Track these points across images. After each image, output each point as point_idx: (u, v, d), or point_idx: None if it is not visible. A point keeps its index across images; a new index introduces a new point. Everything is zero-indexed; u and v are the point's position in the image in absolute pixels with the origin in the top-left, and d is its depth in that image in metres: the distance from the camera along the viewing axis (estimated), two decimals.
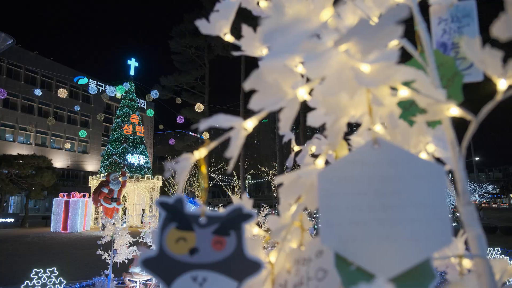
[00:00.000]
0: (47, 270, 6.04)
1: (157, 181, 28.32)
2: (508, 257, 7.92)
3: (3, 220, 26.63)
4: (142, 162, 28.27)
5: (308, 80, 0.58)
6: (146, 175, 27.51)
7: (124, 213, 27.91)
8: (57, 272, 6.13)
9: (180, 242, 0.49)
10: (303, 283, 0.48)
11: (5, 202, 29.77)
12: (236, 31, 0.72)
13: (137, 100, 30.20)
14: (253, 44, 0.69)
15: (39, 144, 39.85)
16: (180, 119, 28.04)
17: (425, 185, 0.47)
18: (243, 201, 0.65)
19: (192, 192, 41.68)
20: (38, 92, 22.12)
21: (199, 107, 26.47)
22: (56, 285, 5.99)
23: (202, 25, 0.71)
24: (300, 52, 0.37)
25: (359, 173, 0.48)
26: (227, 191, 43.92)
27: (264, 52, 0.69)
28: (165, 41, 34.03)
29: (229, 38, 0.74)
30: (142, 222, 26.48)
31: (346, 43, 0.38)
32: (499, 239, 16.89)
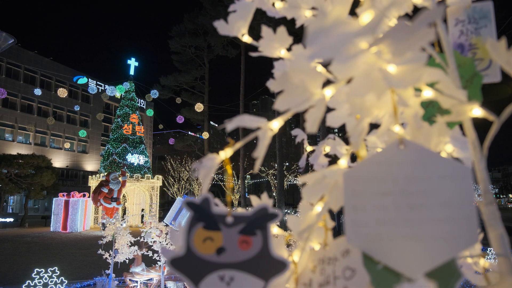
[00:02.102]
0: (48, 270, 6.03)
1: (157, 181, 28.31)
2: None
3: (3, 219, 26.60)
4: (142, 162, 28.26)
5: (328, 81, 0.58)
6: (146, 175, 27.51)
7: (124, 213, 27.90)
8: (58, 272, 6.13)
9: (207, 242, 0.50)
10: (329, 282, 0.49)
11: (5, 201, 29.72)
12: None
13: (136, 100, 30.20)
14: (271, 45, 0.69)
15: (38, 143, 39.81)
16: (180, 119, 28.03)
17: (451, 185, 0.47)
18: (263, 200, 0.65)
19: (192, 192, 41.66)
20: (38, 91, 22.09)
21: (199, 107, 26.45)
22: (58, 285, 5.99)
23: (220, 26, 0.72)
24: (343, 54, 0.37)
25: (385, 173, 0.48)
26: (226, 191, 43.88)
27: (283, 53, 0.70)
28: (165, 40, 34.01)
29: (246, 39, 0.74)
30: (142, 222, 26.48)
31: (380, 44, 0.38)
32: None
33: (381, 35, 0.41)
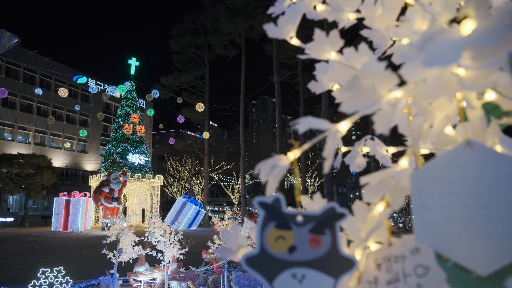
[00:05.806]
0: (54, 270, 6.04)
1: (158, 181, 28.31)
2: None
3: (3, 219, 26.56)
4: (142, 162, 28.25)
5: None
6: (146, 175, 27.50)
7: (125, 213, 27.87)
8: (63, 272, 6.14)
9: (279, 241, 0.51)
10: (399, 279, 0.50)
11: (4, 201, 29.68)
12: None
13: (137, 99, 30.19)
14: (322, 48, 0.70)
15: (38, 143, 39.76)
16: (181, 119, 28.03)
17: None
18: (314, 201, 0.67)
19: (191, 192, 41.64)
20: (38, 91, 22.06)
21: (200, 107, 26.44)
22: (63, 285, 6.00)
23: (270, 29, 0.73)
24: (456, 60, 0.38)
25: (453, 173, 0.50)
26: (226, 190, 43.91)
27: (333, 55, 0.71)
28: (165, 40, 33.98)
29: (295, 41, 0.75)
30: (142, 222, 26.48)
31: (465, 49, 0.40)
32: None
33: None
